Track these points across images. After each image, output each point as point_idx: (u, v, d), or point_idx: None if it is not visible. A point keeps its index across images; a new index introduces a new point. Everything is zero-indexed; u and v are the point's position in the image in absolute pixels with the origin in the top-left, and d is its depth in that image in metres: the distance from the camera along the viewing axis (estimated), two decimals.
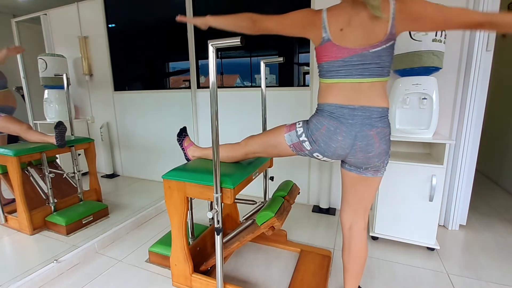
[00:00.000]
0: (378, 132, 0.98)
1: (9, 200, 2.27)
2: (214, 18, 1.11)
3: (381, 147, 0.99)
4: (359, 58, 0.93)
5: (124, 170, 3.29)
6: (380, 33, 0.91)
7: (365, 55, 0.93)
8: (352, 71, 0.95)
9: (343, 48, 0.94)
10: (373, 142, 0.98)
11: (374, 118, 0.97)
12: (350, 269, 1.18)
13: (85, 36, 3.06)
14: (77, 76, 3.25)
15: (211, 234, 1.65)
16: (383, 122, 0.99)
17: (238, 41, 0.95)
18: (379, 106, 0.97)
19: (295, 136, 1.06)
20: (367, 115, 0.96)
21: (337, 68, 0.96)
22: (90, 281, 1.47)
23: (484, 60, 1.72)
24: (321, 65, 1.01)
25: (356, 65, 0.94)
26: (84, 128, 3.31)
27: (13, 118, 1.98)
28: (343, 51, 0.94)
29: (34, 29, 3.29)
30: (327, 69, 0.99)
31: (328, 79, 1.00)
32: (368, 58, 0.93)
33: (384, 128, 0.99)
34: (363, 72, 0.94)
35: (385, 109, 0.99)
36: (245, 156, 1.27)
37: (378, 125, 0.97)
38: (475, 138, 1.84)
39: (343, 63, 0.95)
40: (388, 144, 1.02)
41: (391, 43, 0.93)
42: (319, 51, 1.00)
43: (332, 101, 0.99)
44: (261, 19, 1.05)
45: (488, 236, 1.86)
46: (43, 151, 1.96)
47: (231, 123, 2.58)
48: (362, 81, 0.95)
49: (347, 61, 0.94)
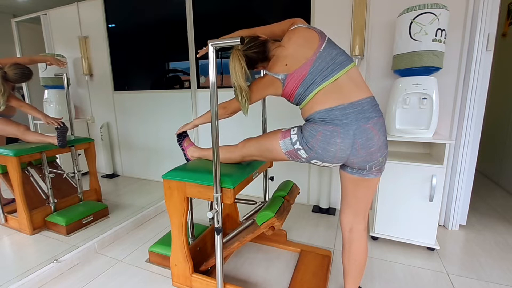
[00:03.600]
0: (375, 123, 0.97)
1: (9, 200, 2.27)
2: (198, 119, 1.31)
3: (381, 139, 0.99)
4: (319, 61, 0.99)
5: (124, 170, 3.29)
6: (314, 42, 1.01)
7: (321, 57, 0.99)
8: (325, 73, 0.98)
9: (300, 68, 1.01)
10: (372, 135, 0.97)
11: (367, 109, 0.97)
12: (350, 271, 1.18)
13: (85, 36, 3.06)
14: (77, 76, 3.25)
15: (211, 234, 1.65)
16: (377, 111, 1.00)
17: (238, 41, 0.95)
18: (367, 97, 0.99)
19: (290, 144, 1.05)
20: (359, 109, 0.96)
21: (311, 82, 1.00)
22: (90, 281, 1.47)
23: (484, 60, 1.72)
24: (297, 93, 1.04)
25: (323, 66, 0.98)
26: (84, 128, 3.31)
27: (9, 121, 1.98)
28: (302, 69, 1.00)
29: (34, 29, 3.29)
30: (304, 89, 1.02)
31: (309, 96, 1.02)
32: (325, 56, 0.99)
33: (379, 118, 0.99)
34: (334, 67, 0.98)
35: (372, 98, 1.01)
36: (242, 158, 1.27)
37: (373, 116, 0.97)
38: (475, 138, 1.84)
39: (311, 75, 1.00)
40: (385, 135, 1.02)
41: (326, 38, 1.03)
42: (287, 90, 1.06)
43: (320, 108, 1.00)
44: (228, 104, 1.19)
45: (488, 236, 1.86)
46: (43, 151, 1.96)
47: (231, 123, 2.58)
48: (338, 77, 0.98)
49: (313, 71, 0.99)
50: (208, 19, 2.52)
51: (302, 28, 1.06)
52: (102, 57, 3.04)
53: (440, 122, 1.84)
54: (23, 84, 3.19)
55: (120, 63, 3.02)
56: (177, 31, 2.66)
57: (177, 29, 2.64)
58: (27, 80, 1.96)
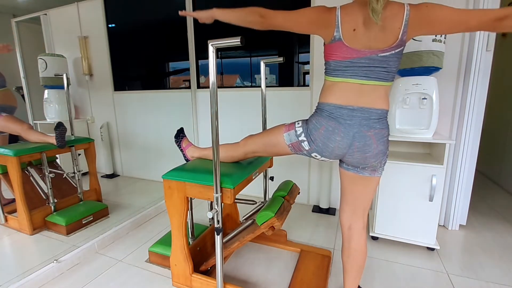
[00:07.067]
0: (376, 133, 0.98)
1: (9, 200, 2.27)
2: (220, 11, 1.03)
3: (378, 148, 1.00)
4: (367, 60, 0.93)
5: (124, 170, 3.29)
6: (391, 38, 0.91)
7: (373, 59, 0.93)
8: (358, 72, 0.95)
9: (352, 49, 0.94)
10: (370, 142, 0.98)
11: (373, 119, 0.97)
12: (350, 269, 1.18)
13: (85, 36, 3.05)
14: (77, 76, 3.25)
15: (211, 234, 1.65)
16: (382, 123, 0.99)
17: (238, 41, 0.95)
18: (379, 108, 0.97)
19: (294, 136, 1.07)
20: (366, 116, 0.97)
21: (343, 68, 0.96)
22: (90, 281, 1.47)
23: (484, 60, 1.72)
24: (328, 62, 1.01)
25: (363, 67, 0.94)
26: (84, 128, 3.31)
27: (14, 118, 1.98)
28: (352, 52, 0.94)
29: (34, 29, 3.29)
30: (334, 67, 0.99)
31: (333, 77, 1.00)
32: (376, 61, 0.93)
33: (382, 130, 0.99)
34: (369, 74, 0.94)
35: (384, 111, 0.99)
36: (245, 155, 1.27)
37: (376, 127, 0.98)
38: (475, 138, 1.84)
39: (350, 63, 0.95)
40: (385, 145, 1.02)
41: (400, 49, 0.93)
42: (328, 49, 0.99)
43: (332, 101, 0.99)
44: (270, 15, 0.99)
45: (488, 236, 1.86)
46: (43, 151, 1.96)
47: (231, 123, 2.58)
48: (366, 83, 0.95)
49: (354, 62, 0.94)
50: None
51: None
52: (102, 57, 3.04)
53: (440, 122, 1.84)
54: (23, 84, 3.19)
55: (120, 63, 3.02)
56: (177, 31, 2.66)
57: (177, 29, 2.64)
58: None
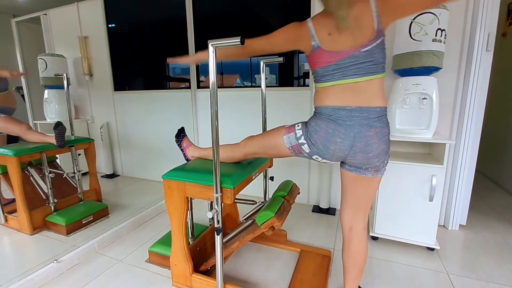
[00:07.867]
0: (377, 132, 0.98)
1: (9, 200, 2.27)
2: (204, 53, 1.08)
3: (381, 147, 0.99)
4: (351, 59, 0.94)
5: (124, 170, 3.29)
6: (368, 32, 0.92)
7: (356, 56, 0.93)
8: (347, 72, 0.95)
9: (334, 52, 0.95)
10: (372, 142, 0.97)
11: (372, 118, 0.97)
12: (350, 270, 1.18)
13: (85, 36, 3.06)
14: (77, 76, 3.25)
15: (211, 234, 1.65)
16: (382, 122, 0.99)
17: (238, 41, 0.95)
18: (377, 106, 0.97)
19: (294, 139, 1.07)
20: (365, 115, 0.96)
21: (331, 72, 0.97)
22: (90, 281, 1.47)
23: (484, 60, 1.72)
24: (315, 71, 1.02)
25: (350, 66, 0.94)
26: (84, 128, 3.31)
27: (12, 119, 1.98)
28: (334, 55, 0.95)
29: (34, 29, 3.29)
30: (322, 74, 1.00)
31: (324, 83, 1.00)
32: (360, 58, 0.93)
33: (382, 128, 0.99)
34: (358, 71, 0.94)
35: (383, 108, 0.99)
36: (245, 157, 1.28)
37: (376, 125, 0.97)
38: (475, 138, 1.84)
39: (336, 66, 0.96)
40: (387, 144, 1.02)
41: (381, 39, 0.93)
42: (311, 58, 1.02)
43: (329, 103, 0.99)
44: (249, 43, 1.07)
45: (488, 236, 1.86)
46: (43, 151, 1.96)
47: (231, 123, 2.58)
48: (358, 81, 0.95)
49: (339, 64, 0.95)
50: (208, 19, 2.52)
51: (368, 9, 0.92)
52: (102, 57, 3.04)
53: (440, 122, 1.84)
54: (23, 84, 3.19)
55: (120, 63, 3.02)
56: (177, 31, 2.66)
57: (177, 29, 2.64)
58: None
